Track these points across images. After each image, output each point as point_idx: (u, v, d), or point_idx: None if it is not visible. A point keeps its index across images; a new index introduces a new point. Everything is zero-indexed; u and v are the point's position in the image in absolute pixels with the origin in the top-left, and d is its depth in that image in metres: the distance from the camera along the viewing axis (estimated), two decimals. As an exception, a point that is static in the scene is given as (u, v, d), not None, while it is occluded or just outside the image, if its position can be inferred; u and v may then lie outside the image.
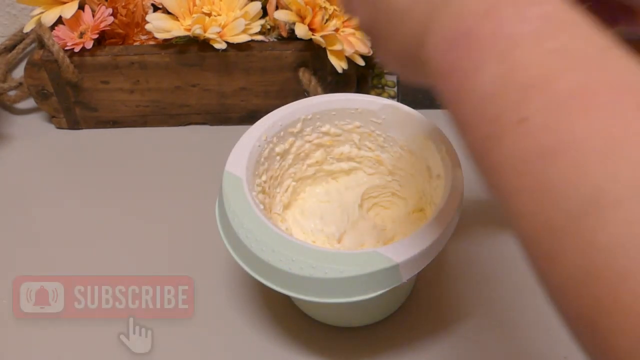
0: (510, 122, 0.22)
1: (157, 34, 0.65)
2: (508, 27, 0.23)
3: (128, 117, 0.72)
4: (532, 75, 0.22)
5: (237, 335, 0.53)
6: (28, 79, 0.68)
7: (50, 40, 0.66)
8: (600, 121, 0.20)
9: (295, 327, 0.53)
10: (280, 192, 0.56)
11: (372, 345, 0.52)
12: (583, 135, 0.20)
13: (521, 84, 0.22)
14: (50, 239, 0.61)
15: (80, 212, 0.64)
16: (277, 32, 0.68)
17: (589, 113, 0.21)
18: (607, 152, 0.20)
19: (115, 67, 0.67)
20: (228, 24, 0.66)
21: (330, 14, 0.67)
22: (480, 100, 0.24)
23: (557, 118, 0.21)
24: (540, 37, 0.23)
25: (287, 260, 0.43)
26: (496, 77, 0.23)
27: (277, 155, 0.54)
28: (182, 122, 0.72)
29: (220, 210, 0.48)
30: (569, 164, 0.20)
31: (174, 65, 0.67)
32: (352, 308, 0.50)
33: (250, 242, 0.45)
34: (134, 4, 0.70)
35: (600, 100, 0.21)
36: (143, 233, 0.61)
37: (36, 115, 0.75)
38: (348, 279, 0.43)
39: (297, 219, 0.56)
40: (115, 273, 0.53)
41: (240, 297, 0.56)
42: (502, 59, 0.23)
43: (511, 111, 0.22)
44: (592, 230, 0.19)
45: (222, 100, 0.70)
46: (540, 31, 0.23)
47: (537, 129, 0.21)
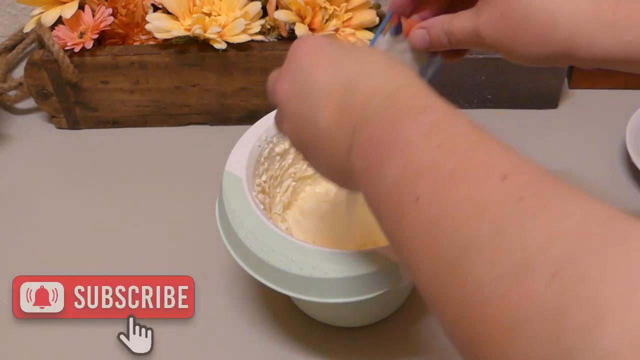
0: (409, 202, 0.28)
1: (157, 34, 0.65)
2: (406, 132, 0.30)
3: (128, 117, 0.72)
4: (422, 165, 0.29)
5: (237, 335, 0.53)
6: (28, 79, 0.68)
7: (50, 40, 0.66)
8: (471, 191, 0.26)
9: (295, 327, 0.53)
10: (280, 192, 0.56)
11: (372, 345, 0.52)
12: (458, 204, 0.26)
13: (415, 172, 0.29)
14: (50, 239, 0.61)
15: (80, 212, 0.64)
16: (277, 32, 0.68)
17: (463, 186, 0.27)
18: (474, 212, 0.26)
19: (115, 67, 0.67)
20: (228, 24, 0.66)
21: (330, 14, 0.67)
22: (388, 188, 0.30)
23: (439, 193, 0.27)
24: (429, 137, 0.29)
25: (287, 260, 0.43)
26: (398, 170, 0.30)
27: (277, 155, 0.54)
28: (182, 122, 0.72)
29: (220, 210, 0.48)
30: (448, 226, 0.26)
31: (174, 65, 0.67)
32: (352, 308, 0.50)
33: (250, 242, 0.45)
34: (134, 4, 0.70)
35: (472, 176, 0.27)
36: (143, 233, 0.61)
37: (36, 115, 0.74)
38: (348, 279, 0.43)
39: (297, 219, 0.56)
40: (115, 273, 0.53)
41: (240, 297, 0.56)
42: (401, 155, 0.30)
43: (409, 193, 0.29)
44: (465, 271, 0.25)
45: (222, 100, 0.70)
46: (429, 132, 0.30)
47: (426, 203, 0.28)
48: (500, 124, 0.70)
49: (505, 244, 0.24)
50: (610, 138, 0.69)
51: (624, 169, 0.66)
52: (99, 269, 0.56)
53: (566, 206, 0.24)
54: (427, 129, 0.30)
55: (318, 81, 0.36)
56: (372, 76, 0.35)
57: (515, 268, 0.23)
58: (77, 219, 0.63)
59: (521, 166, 0.27)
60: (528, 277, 0.22)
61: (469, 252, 0.25)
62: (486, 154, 0.28)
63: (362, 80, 0.35)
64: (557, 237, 0.23)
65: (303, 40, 0.39)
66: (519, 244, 0.23)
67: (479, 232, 0.25)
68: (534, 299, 0.22)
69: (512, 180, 0.26)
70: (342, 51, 0.37)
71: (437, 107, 0.32)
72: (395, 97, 0.33)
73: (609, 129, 0.69)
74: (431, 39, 0.44)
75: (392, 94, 0.33)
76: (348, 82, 0.35)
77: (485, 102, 0.72)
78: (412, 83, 0.34)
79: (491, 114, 0.72)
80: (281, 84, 0.39)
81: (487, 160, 0.27)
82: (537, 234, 0.23)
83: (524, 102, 0.72)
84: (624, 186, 0.64)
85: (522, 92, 0.71)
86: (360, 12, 0.68)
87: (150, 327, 0.52)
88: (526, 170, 0.27)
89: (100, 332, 0.52)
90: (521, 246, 0.23)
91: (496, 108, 0.72)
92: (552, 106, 0.73)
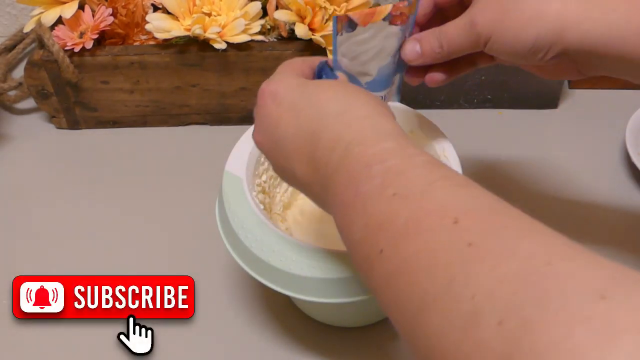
0: (374, 255, 0.29)
1: (157, 34, 0.65)
2: (363, 187, 0.31)
3: (128, 117, 0.72)
4: (381, 218, 0.30)
5: (237, 335, 0.53)
6: (28, 79, 0.68)
7: (50, 40, 0.66)
8: (424, 241, 0.27)
9: (295, 327, 0.53)
10: (280, 192, 0.56)
11: (372, 345, 0.52)
12: (413, 255, 0.27)
13: (376, 225, 0.30)
14: (50, 239, 0.61)
15: (80, 212, 0.64)
16: (277, 32, 0.68)
17: (416, 237, 0.28)
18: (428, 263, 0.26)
19: (115, 67, 0.67)
20: (228, 24, 0.66)
21: (330, 14, 0.67)
22: (357, 245, 0.31)
23: (397, 246, 0.28)
24: (383, 187, 0.30)
25: (287, 260, 0.43)
26: (361, 226, 0.31)
27: (277, 155, 0.54)
28: (182, 122, 0.72)
29: (220, 210, 0.48)
30: (406, 280, 0.27)
31: (174, 65, 0.67)
32: (352, 308, 0.50)
33: (250, 242, 0.45)
34: (134, 4, 0.70)
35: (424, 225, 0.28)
36: (143, 233, 0.61)
37: (36, 115, 0.74)
38: (348, 279, 0.43)
39: (297, 219, 0.56)
40: (115, 273, 0.53)
41: (240, 297, 0.56)
42: (363, 212, 0.31)
43: (373, 248, 0.30)
44: (424, 322, 0.26)
45: (222, 100, 0.70)
46: (383, 183, 0.31)
47: (387, 257, 0.29)
48: (500, 124, 0.71)
49: (456, 292, 0.24)
50: (610, 138, 0.69)
51: (624, 169, 0.66)
52: (98, 269, 0.56)
53: (512, 249, 0.25)
54: (381, 180, 0.31)
55: (285, 134, 0.37)
56: (330, 125, 0.35)
57: (466, 316, 0.24)
58: (77, 219, 0.63)
59: (472, 206, 0.28)
60: (477, 325, 0.23)
61: (426, 303, 0.26)
62: (436, 197, 0.29)
63: (323, 132, 0.35)
64: (502, 283, 0.23)
65: (266, 87, 0.39)
66: (468, 292, 0.24)
67: (433, 283, 0.26)
68: (483, 347, 0.22)
69: (462, 224, 0.27)
70: (301, 98, 0.37)
71: (390, 151, 0.32)
72: (350, 150, 0.33)
73: (609, 129, 0.69)
74: (422, 48, 0.43)
75: (348, 146, 0.34)
76: (311, 135, 0.36)
77: (485, 102, 0.72)
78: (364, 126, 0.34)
79: (491, 114, 0.72)
80: (256, 135, 0.40)
81: (437, 205, 0.28)
82: (484, 281, 0.24)
83: (524, 102, 0.72)
84: (624, 186, 0.64)
85: (522, 92, 0.71)
86: (360, 12, 0.68)
87: (150, 327, 0.52)
88: (477, 210, 0.27)
89: (100, 332, 0.52)
90: (470, 294, 0.24)
91: (496, 108, 0.72)
92: (552, 106, 0.73)
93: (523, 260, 0.24)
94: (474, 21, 0.41)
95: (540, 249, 0.24)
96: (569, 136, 0.70)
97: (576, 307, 0.21)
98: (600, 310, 0.21)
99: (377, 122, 0.35)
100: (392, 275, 0.28)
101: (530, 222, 0.26)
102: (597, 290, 0.21)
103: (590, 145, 0.69)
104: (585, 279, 0.22)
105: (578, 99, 0.74)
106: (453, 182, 0.30)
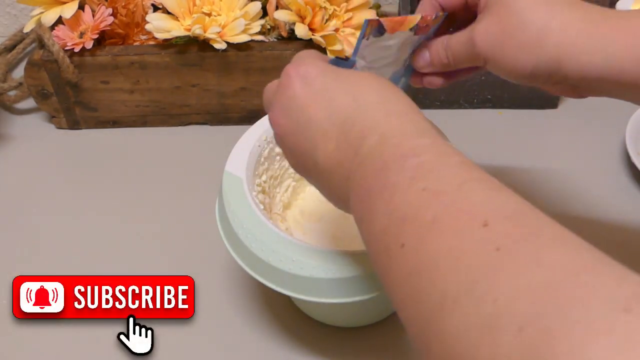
0: (395, 249, 0.29)
1: (157, 34, 0.65)
2: (393, 178, 0.31)
3: (128, 117, 0.72)
4: (407, 211, 0.29)
5: (237, 335, 0.53)
6: (28, 79, 0.68)
7: (50, 40, 0.66)
8: (450, 240, 0.27)
9: (295, 327, 0.53)
10: (280, 192, 0.56)
11: (372, 346, 0.52)
12: (438, 253, 0.27)
13: (400, 218, 0.29)
14: (50, 239, 0.61)
15: (80, 212, 0.64)
16: (277, 32, 0.68)
17: (443, 235, 0.27)
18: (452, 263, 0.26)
19: (115, 67, 0.67)
20: (228, 24, 0.66)
21: (330, 14, 0.67)
22: (377, 236, 0.31)
23: (422, 242, 0.28)
24: (414, 181, 0.30)
25: (287, 260, 0.43)
26: (385, 217, 0.30)
27: (277, 155, 0.54)
28: (182, 122, 0.72)
29: (220, 210, 0.48)
30: (427, 277, 0.27)
31: (174, 65, 0.67)
32: (352, 308, 0.50)
33: (250, 242, 0.45)
34: (134, 4, 0.70)
35: (452, 224, 0.27)
36: (143, 233, 0.61)
37: (36, 115, 0.74)
38: (348, 279, 0.43)
39: (297, 219, 0.56)
40: (115, 273, 0.53)
41: (240, 297, 0.56)
42: (388, 202, 0.30)
43: (395, 241, 0.29)
44: (442, 322, 0.25)
45: (222, 100, 0.70)
46: (414, 176, 0.30)
47: (410, 251, 0.28)
48: (500, 124, 0.71)
49: (478, 294, 0.24)
50: (610, 138, 0.69)
51: (624, 169, 0.66)
52: (98, 269, 0.56)
53: (539, 257, 0.24)
54: (412, 173, 0.30)
55: (313, 117, 0.36)
56: (366, 113, 0.35)
57: (485, 319, 0.23)
58: (77, 218, 0.63)
59: (503, 211, 0.27)
60: (497, 330, 0.23)
61: (446, 303, 0.25)
62: (468, 197, 0.28)
63: (357, 119, 0.35)
64: (525, 290, 0.23)
65: (293, 69, 0.38)
66: (490, 296, 0.24)
67: (455, 283, 0.25)
68: (501, 352, 0.22)
69: (491, 227, 0.26)
70: (335, 83, 0.37)
71: (426, 147, 0.32)
72: (385, 140, 0.33)
73: (609, 129, 0.69)
74: (431, 57, 0.44)
75: (384, 136, 0.33)
76: (343, 121, 0.35)
77: (485, 102, 0.72)
78: (403, 120, 0.34)
79: (491, 114, 0.72)
80: (277, 118, 0.39)
81: (469, 206, 0.28)
82: (508, 287, 0.24)
83: (524, 102, 0.72)
84: (624, 186, 0.64)
85: (522, 92, 0.71)
86: (360, 12, 0.68)
87: (150, 327, 0.52)
88: (508, 216, 0.27)
89: (100, 332, 0.52)
90: (493, 298, 0.24)
91: (496, 108, 0.72)
92: (552, 106, 0.73)
93: (549, 269, 0.24)
94: (474, 41, 0.41)
95: (567, 259, 0.24)
96: (569, 136, 0.70)
97: (598, 318, 0.21)
98: (622, 322, 0.21)
99: (414, 118, 0.35)
100: (412, 271, 0.28)
101: (561, 230, 0.26)
102: (621, 303, 0.21)
103: (590, 146, 0.69)
104: (609, 292, 0.22)
105: (578, 99, 0.73)
106: (486, 184, 0.29)
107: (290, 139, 0.38)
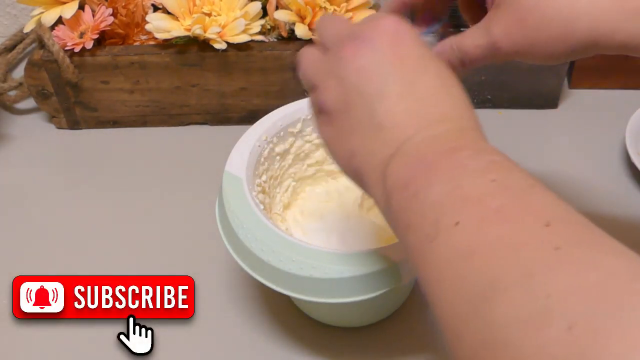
0: (447, 224, 0.28)
1: (157, 34, 0.65)
2: (465, 161, 0.31)
3: (128, 117, 0.72)
4: (471, 193, 0.29)
5: (237, 335, 0.53)
6: (28, 79, 0.68)
7: (50, 40, 0.66)
8: (512, 231, 0.27)
9: (295, 327, 0.53)
10: (280, 192, 0.56)
11: (372, 345, 0.52)
12: (495, 240, 0.27)
13: (461, 198, 0.29)
14: (50, 239, 0.61)
15: (80, 212, 0.64)
16: (277, 32, 0.68)
17: (505, 225, 0.27)
18: (508, 253, 0.26)
19: (115, 67, 0.67)
20: (228, 24, 0.66)
21: (330, 14, 0.67)
22: (426, 206, 0.30)
23: (481, 225, 0.28)
24: (486, 171, 0.30)
25: (287, 260, 0.43)
26: (444, 191, 0.30)
27: (277, 155, 0.54)
28: (182, 122, 0.72)
29: (220, 210, 0.48)
30: (479, 260, 0.27)
31: (174, 65, 0.67)
32: (352, 308, 0.50)
33: (250, 242, 0.45)
34: (134, 4, 0.70)
35: (517, 217, 0.27)
36: (143, 233, 0.61)
37: (36, 115, 0.74)
38: (348, 279, 0.43)
39: (297, 219, 0.56)
40: (115, 273, 0.53)
41: (240, 297, 0.56)
42: (451, 178, 0.30)
43: (449, 216, 0.29)
44: (488, 309, 0.25)
45: (222, 100, 0.70)
46: (487, 168, 0.30)
47: (464, 231, 0.28)
48: (500, 124, 0.70)
49: (532, 287, 0.24)
50: (610, 138, 0.69)
51: (624, 169, 0.66)
52: (98, 269, 0.56)
53: (597, 262, 0.25)
54: (485, 165, 0.31)
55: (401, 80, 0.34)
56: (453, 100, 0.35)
57: (535, 313, 0.23)
58: (77, 218, 0.63)
59: (566, 217, 0.28)
60: (546, 326, 0.23)
61: (495, 292, 0.25)
62: (536, 198, 0.29)
63: (441, 102, 0.34)
64: (580, 290, 0.23)
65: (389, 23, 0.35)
66: (544, 291, 0.24)
67: (508, 273, 0.25)
68: (549, 348, 0.22)
69: (553, 228, 0.26)
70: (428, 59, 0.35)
71: (499, 153, 0.32)
72: (465, 131, 0.34)
73: (609, 129, 0.69)
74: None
75: (464, 127, 0.34)
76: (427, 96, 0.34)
77: (485, 102, 0.72)
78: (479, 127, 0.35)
79: (491, 114, 0.72)
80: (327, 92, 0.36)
81: (534, 205, 0.28)
82: (563, 284, 0.24)
83: (524, 102, 0.72)
84: (624, 186, 0.64)
85: (522, 92, 0.71)
86: (360, 12, 0.68)
87: (150, 327, 0.52)
88: (570, 222, 0.27)
89: (100, 332, 0.52)
90: (546, 293, 0.24)
91: (496, 108, 0.72)
92: (552, 106, 0.73)
93: (605, 273, 0.24)
94: (497, 45, 0.40)
95: (623, 266, 0.24)
96: (569, 136, 0.70)
97: None
98: None
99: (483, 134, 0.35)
100: (463, 252, 0.27)
101: (620, 244, 0.26)
102: None
103: (590, 145, 0.69)
104: None
105: (578, 99, 0.74)
106: (552, 193, 0.30)
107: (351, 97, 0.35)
